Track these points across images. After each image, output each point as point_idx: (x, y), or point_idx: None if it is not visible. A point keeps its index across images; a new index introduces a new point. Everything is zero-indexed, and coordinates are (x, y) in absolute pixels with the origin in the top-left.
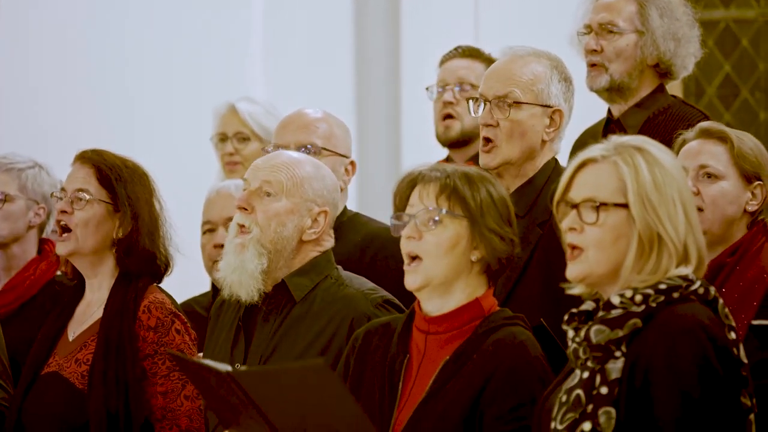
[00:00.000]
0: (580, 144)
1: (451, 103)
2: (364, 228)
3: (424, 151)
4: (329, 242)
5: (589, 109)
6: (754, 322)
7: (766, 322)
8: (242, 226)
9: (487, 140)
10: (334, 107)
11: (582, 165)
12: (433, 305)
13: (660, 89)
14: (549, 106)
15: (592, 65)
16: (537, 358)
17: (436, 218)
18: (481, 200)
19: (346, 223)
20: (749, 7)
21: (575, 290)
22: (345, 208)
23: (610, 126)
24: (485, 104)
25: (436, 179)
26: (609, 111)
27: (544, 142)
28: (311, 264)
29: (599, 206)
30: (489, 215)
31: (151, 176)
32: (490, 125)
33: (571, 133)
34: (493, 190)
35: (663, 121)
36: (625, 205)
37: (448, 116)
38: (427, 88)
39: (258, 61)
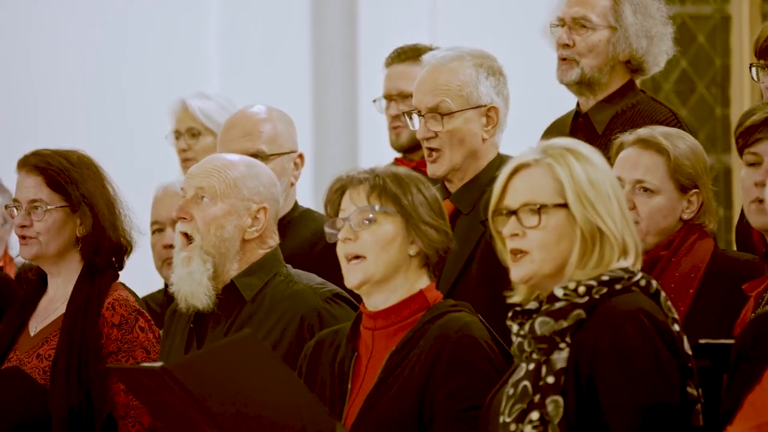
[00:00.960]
0: (547, 135)
1: (397, 116)
2: (315, 224)
3: (381, 148)
4: (275, 239)
5: (558, 99)
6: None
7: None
8: (186, 235)
9: (431, 150)
10: (291, 105)
11: (514, 171)
12: (376, 301)
13: (630, 85)
14: (482, 106)
15: (563, 59)
16: (483, 338)
17: (370, 216)
18: (413, 196)
19: (297, 219)
20: (705, 3)
21: (515, 298)
22: (296, 203)
23: (578, 120)
24: (420, 117)
25: (365, 180)
26: (578, 104)
27: (484, 140)
28: (259, 263)
29: (540, 209)
30: (422, 209)
31: (96, 161)
32: (429, 137)
33: (539, 123)
34: (423, 187)
35: (631, 117)
36: (565, 205)
37: (396, 126)
38: (374, 101)
39: (215, 60)
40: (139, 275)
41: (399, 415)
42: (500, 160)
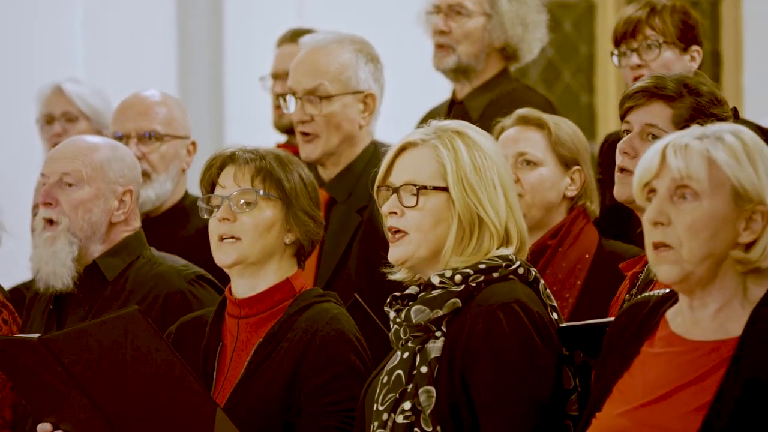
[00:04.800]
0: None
1: (283, 95)
2: None
3: (248, 134)
4: (137, 222)
5: (427, 87)
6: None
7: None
8: (49, 221)
9: (305, 134)
10: (156, 89)
11: (402, 149)
12: (244, 284)
13: (504, 72)
14: (360, 92)
15: (439, 46)
16: (350, 331)
17: (252, 200)
18: (295, 183)
19: (189, 206)
20: None
21: (397, 276)
22: (186, 192)
23: (453, 107)
24: (296, 100)
25: (251, 161)
26: (453, 91)
27: (361, 127)
28: (122, 244)
29: (419, 190)
30: (302, 197)
31: None
32: (305, 121)
33: (415, 112)
34: (303, 172)
35: (506, 104)
36: (445, 189)
37: (280, 105)
38: (261, 78)
39: (79, 43)
40: (14, 263)
41: (266, 408)
42: (374, 147)
